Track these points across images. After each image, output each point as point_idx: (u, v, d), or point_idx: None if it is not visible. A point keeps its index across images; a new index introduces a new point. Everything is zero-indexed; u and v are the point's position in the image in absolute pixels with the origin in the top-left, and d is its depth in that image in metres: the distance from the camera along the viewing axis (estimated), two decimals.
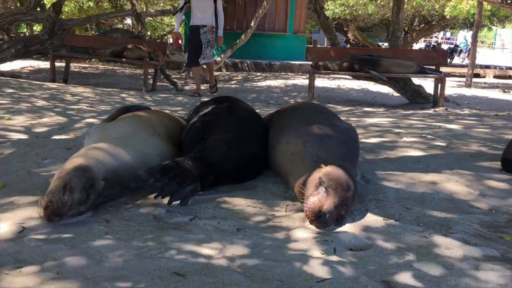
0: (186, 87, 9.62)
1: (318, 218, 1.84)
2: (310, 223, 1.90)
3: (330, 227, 1.90)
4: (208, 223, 1.91)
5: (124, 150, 2.17)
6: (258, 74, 13.40)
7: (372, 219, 2.00)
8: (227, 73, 13.73)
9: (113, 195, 2.12)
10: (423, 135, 3.76)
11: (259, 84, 10.75)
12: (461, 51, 27.61)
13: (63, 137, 3.51)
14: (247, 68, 14.23)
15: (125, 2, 18.17)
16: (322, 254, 1.67)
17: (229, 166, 2.34)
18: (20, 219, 1.87)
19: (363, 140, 3.55)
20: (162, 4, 20.48)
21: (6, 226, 1.80)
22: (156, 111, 3.04)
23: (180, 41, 7.57)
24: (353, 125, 4.17)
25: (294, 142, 2.33)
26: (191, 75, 12.12)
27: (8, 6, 16.91)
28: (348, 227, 1.91)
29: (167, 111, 3.56)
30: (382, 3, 16.46)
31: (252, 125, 2.66)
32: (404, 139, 3.59)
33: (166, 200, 2.04)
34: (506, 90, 11.63)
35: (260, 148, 2.54)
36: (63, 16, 13.87)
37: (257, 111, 3.10)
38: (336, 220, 1.92)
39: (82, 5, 18.00)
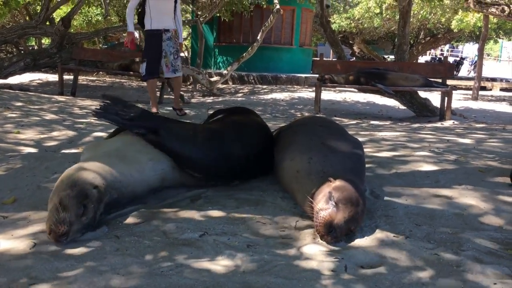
0: (193, 100, 9.68)
1: (329, 233, 1.84)
2: (321, 238, 1.90)
3: (341, 243, 1.89)
4: (218, 240, 1.91)
5: (110, 160, 2.19)
6: (264, 87, 13.46)
7: (382, 236, 1.99)
8: (233, 86, 13.80)
9: (115, 203, 2.12)
10: (432, 149, 3.75)
11: (265, 97, 10.78)
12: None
13: (72, 151, 3.53)
14: (253, 81, 14.31)
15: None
16: (333, 271, 1.66)
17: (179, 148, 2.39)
18: (32, 235, 1.88)
19: (371, 154, 3.54)
20: None
21: (18, 242, 1.81)
22: None
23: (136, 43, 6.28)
24: (360, 139, 4.18)
25: (298, 159, 2.33)
26: (198, 87, 12.21)
27: (18, 19, 17.18)
28: (358, 244, 1.91)
29: None
30: (387, 16, 16.55)
31: (250, 135, 2.67)
32: (413, 153, 3.58)
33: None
34: None
35: (241, 153, 2.52)
36: (72, 30, 14.05)
37: None
38: (346, 234, 1.92)
39: (90, 19, 18.23)
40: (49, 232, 1.80)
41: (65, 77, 9.14)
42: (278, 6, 11.79)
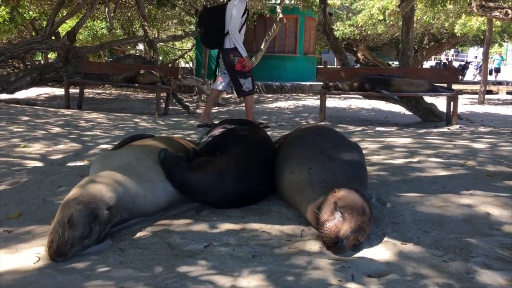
0: (198, 110, 9.69)
1: (336, 244, 1.81)
2: (327, 249, 1.87)
3: (347, 252, 1.87)
4: (223, 251, 1.89)
5: (127, 178, 2.17)
6: (269, 95, 13.47)
7: (389, 244, 1.96)
8: None
9: (124, 221, 2.12)
10: (439, 154, 3.71)
11: (270, 105, 10.79)
12: (497, 69, 25.77)
13: (78, 164, 3.54)
14: (258, 90, 14.33)
15: (137, 28, 18.57)
16: (340, 281, 1.64)
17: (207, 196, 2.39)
18: (36, 249, 1.87)
19: (377, 161, 3.52)
20: (173, 30, 20.89)
21: (22, 257, 1.80)
22: (163, 137, 3.05)
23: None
24: (366, 146, 4.15)
25: (298, 170, 2.30)
26: (203, 98, 12.24)
27: (24, 35, 17.40)
28: (365, 253, 1.88)
29: (176, 136, 3.58)
30: (391, 22, 16.54)
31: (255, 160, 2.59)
32: (419, 159, 3.55)
33: None
34: None
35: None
36: (77, 44, 14.19)
37: (268, 133, 3.08)
38: (353, 245, 1.89)
39: (95, 32, 18.41)
40: (49, 247, 1.77)
41: (71, 90, 9.20)
42: (281, 15, 11.84)
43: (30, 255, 1.82)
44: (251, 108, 6.45)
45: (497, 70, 26.10)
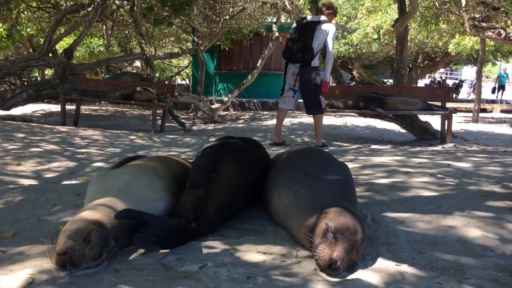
0: (194, 127, 9.73)
1: (330, 266, 1.81)
2: (322, 272, 1.87)
3: (342, 274, 1.87)
4: (218, 271, 1.89)
5: (128, 203, 2.15)
6: (265, 113, 13.54)
7: (384, 265, 1.97)
8: (234, 112, 13.90)
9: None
10: (433, 173, 3.74)
11: (266, 123, 10.83)
12: (502, 87, 25.30)
13: (73, 182, 3.54)
14: (254, 107, 14.42)
15: (134, 46, 18.71)
16: None
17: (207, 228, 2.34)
18: (30, 270, 1.86)
19: (372, 180, 3.53)
20: (170, 47, 21.06)
21: (16, 278, 1.79)
22: (160, 156, 3.07)
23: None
24: (360, 164, 4.17)
25: (285, 194, 2.31)
26: (199, 115, 12.28)
27: (21, 52, 17.47)
28: (360, 274, 1.88)
29: (172, 155, 3.59)
30: (385, 41, 16.74)
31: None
32: (414, 178, 3.57)
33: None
34: None
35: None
36: (74, 61, 14.26)
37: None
38: (347, 265, 1.90)
39: (92, 49, 18.53)
40: (64, 253, 1.72)
41: (68, 107, 9.22)
42: (277, 34, 11.98)
43: (24, 276, 1.81)
44: (321, 126, 6.63)
45: (502, 88, 25.56)
